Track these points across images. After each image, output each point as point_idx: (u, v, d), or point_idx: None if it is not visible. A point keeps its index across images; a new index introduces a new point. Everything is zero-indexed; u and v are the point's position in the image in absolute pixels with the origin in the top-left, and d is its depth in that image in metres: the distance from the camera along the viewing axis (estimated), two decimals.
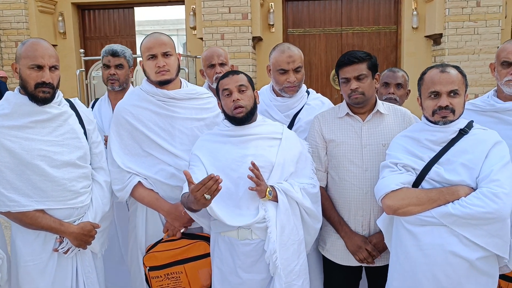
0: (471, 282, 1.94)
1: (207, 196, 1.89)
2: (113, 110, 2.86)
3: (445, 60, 7.30)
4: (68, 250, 2.29)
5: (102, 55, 3.13)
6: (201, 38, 7.94)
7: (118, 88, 3.10)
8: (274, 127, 2.38)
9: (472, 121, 2.14)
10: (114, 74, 3.06)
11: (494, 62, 2.52)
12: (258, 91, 2.46)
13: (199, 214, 2.33)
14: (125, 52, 3.12)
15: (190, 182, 1.95)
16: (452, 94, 2.05)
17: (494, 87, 2.56)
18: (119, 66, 3.08)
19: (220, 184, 2.03)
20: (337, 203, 2.49)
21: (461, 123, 2.09)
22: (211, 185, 1.88)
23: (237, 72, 2.33)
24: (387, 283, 2.21)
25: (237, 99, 2.24)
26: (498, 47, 7.19)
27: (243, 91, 2.27)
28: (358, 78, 2.33)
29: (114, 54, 3.07)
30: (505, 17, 7.50)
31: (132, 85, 3.36)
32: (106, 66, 3.09)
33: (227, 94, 2.27)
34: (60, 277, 2.30)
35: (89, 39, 9.10)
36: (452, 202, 1.95)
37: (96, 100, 3.34)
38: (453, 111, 2.05)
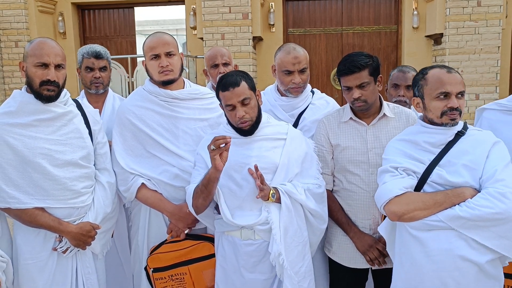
0: (480, 286, 1.91)
1: (212, 147, 2.07)
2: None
3: (446, 60, 7.29)
4: (67, 250, 2.28)
5: (82, 56, 2.92)
6: (202, 38, 7.92)
7: (102, 91, 2.94)
8: (278, 127, 2.36)
9: (466, 122, 2.12)
10: (99, 77, 2.88)
11: None
12: (262, 91, 2.44)
13: (203, 214, 2.33)
14: (107, 54, 2.97)
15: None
16: (459, 95, 2.02)
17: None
18: (103, 69, 2.91)
19: (223, 184, 2.23)
20: (344, 207, 2.47)
21: (458, 125, 2.07)
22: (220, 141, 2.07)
23: (237, 83, 2.19)
24: None
25: (242, 115, 2.20)
26: (499, 47, 7.22)
27: (246, 104, 2.21)
28: (360, 86, 2.30)
29: (98, 56, 2.89)
30: (506, 16, 7.47)
31: (133, 85, 3.31)
32: (89, 69, 2.89)
33: (231, 109, 2.22)
34: (60, 276, 2.30)
35: (89, 39, 9.06)
36: (459, 204, 1.91)
37: None
38: (460, 113, 2.02)
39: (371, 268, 2.49)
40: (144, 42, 2.53)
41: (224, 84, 2.22)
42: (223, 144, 2.07)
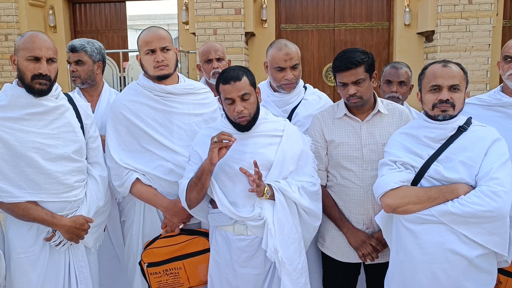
0: (470, 280, 1.94)
1: (215, 139, 2.10)
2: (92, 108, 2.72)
3: (437, 57, 7.34)
4: (60, 243, 2.28)
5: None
6: (194, 33, 7.89)
7: (80, 85, 2.90)
8: (276, 123, 2.36)
9: (470, 118, 2.14)
10: (74, 70, 2.87)
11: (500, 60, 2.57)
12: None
13: (197, 208, 2.33)
14: (86, 47, 2.89)
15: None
16: (453, 89, 2.05)
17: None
18: (78, 62, 2.88)
19: (217, 179, 2.24)
20: (338, 202, 2.49)
21: (460, 120, 2.09)
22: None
23: (239, 78, 2.18)
24: (387, 277, 2.21)
25: (241, 110, 2.18)
26: (489, 44, 7.28)
27: (246, 99, 2.20)
28: (355, 83, 2.32)
29: (73, 49, 2.87)
30: (497, 14, 7.54)
31: (125, 80, 3.28)
32: (68, 62, 2.93)
33: (230, 103, 2.21)
34: (52, 270, 2.30)
35: (80, 33, 8.98)
36: (452, 200, 1.94)
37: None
38: (453, 106, 2.05)
39: (363, 262, 2.51)
40: (139, 37, 2.51)
41: (225, 78, 2.21)
42: (227, 141, 2.09)
